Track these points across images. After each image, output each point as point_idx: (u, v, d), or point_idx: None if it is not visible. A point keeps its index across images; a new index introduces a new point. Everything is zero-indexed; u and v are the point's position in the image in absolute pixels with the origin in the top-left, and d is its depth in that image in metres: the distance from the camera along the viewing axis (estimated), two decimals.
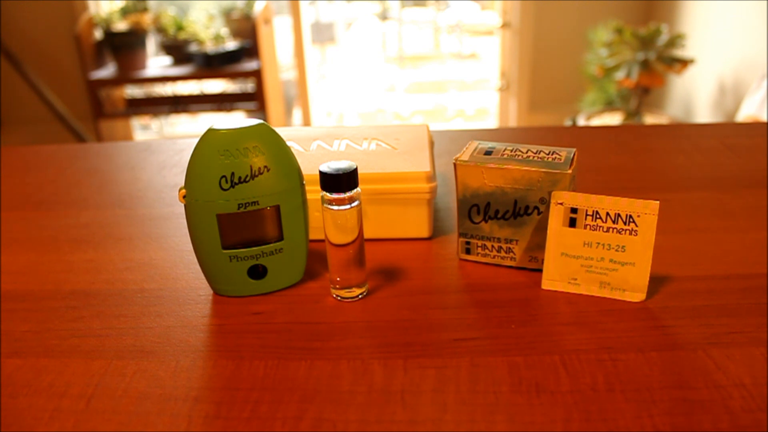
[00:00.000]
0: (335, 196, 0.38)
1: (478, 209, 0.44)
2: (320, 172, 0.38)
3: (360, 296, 0.42)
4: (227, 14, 2.96)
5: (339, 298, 0.42)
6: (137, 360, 0.36)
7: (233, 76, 2.62)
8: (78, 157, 0.72)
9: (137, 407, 0.33)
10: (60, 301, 0.43)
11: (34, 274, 0.47)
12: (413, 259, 0.47)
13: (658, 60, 2.30)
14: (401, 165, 0.48)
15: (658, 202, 0.38)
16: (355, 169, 0.38)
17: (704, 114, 2.52)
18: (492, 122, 3.50)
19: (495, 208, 0.43)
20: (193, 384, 0.34)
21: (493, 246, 0.44)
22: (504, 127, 3.01)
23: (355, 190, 0.38)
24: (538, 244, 0.43)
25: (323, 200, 0.39)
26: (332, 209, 0.39)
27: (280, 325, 0.39)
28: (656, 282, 0.42)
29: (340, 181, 0.38)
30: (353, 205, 0.39)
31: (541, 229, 0.42)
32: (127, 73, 2.65)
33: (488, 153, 0.43)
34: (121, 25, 2.67)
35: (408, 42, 4.89)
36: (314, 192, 0.45)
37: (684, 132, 0.73)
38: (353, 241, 0.40)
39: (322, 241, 0.49)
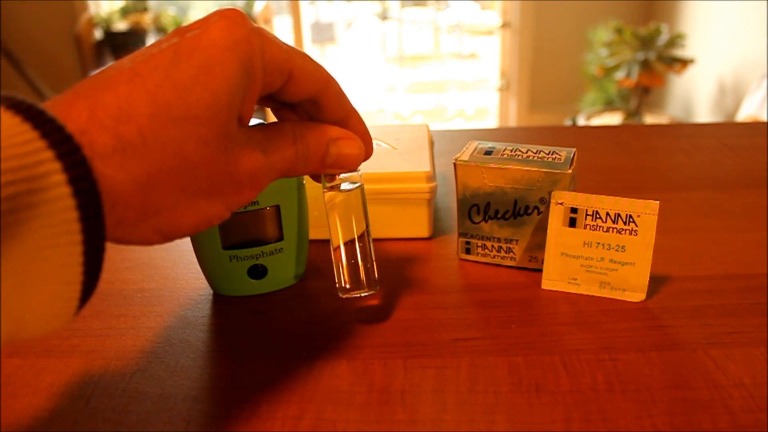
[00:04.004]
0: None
1: (478, 209, 0.44)
2: None
3: (365, 294, 0.40)
4: None
5: (347, 298, 0.40)
6: (137, 360, 0.36)
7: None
8: None
9: (137, 407, 0.33)
10: None
11: None
12: (413, 259, 0.47)
13: (658, 60, 2.30)
14: (401, 165, 0.48)
15: (658, 202, 0.38)
16: None
17: (704, 114, 2.52)
18: (492, 122, 3.50)
19: (495, 208, 0.43)
20: (193, 384, 0.34)
21: (493, 246, 0.44)
22: (504, 127, 3.01)
23: (354, 173, 0.36)
24: (538, 244, 0.43)
25: (324, 186, 0.36)
26: (333, 193, 0.36)
27: (280, 325, 0.39)
28: (656, 282, 0.42)
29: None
30: (355, 186, 0.36)
31: (541, 229, 0.42)
32: None
33: (488, 153, 0.43)
34: (121, 25, 2.67)
35: (408, 42, 4.89)
36: (313, 190, 0.45)
37: (684, 132, 0.73)
38: (361, 236, 0.37)
39: (322, 241, 0.49)
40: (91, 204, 0.22)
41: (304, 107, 0.32)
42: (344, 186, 0.37)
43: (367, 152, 0.34)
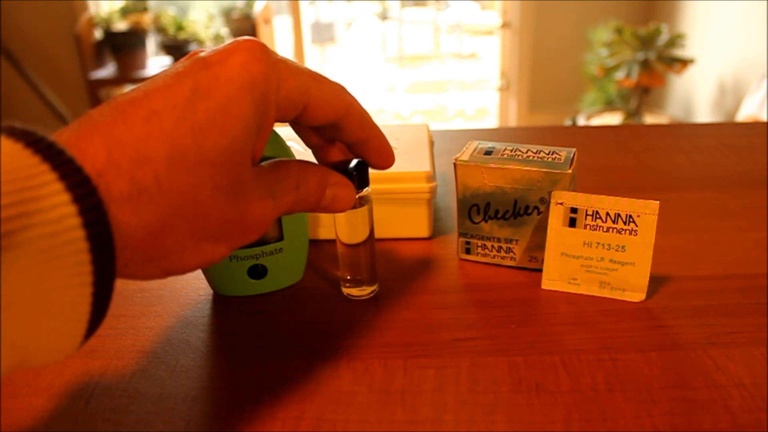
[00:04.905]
0: None
1: (478, 209, 0.44)
2: None
3: (372, 294, 0.42)
4: (227, 14, 2.96)
5: (350, 296, 0.42)
6: (137, 360, 0.36)
7: None
8: None
9: (137, 407, 0.33)
10: None
11: None
12: (413, 259, 0.47)
13: (658, 60, 2.30)
14: (401, 165, 0.48)
15: (658, 202, 0.38)
16: (366, 168, 0.37)
17: (704, 114, 2.52)
18: (492, 122, 3.50)
19: (495, 208, 0.43)
20: (193, 384, 0.34)
21: (493, 246, 0.44)
22: (504, 127, 3.01)
23: (365, 189, 0.38)
24: (538, 244, 0.43)
25: None
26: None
27: (280, 325, 0.39)
28: (656, 282, 0.42)
29: (351, 181, 0.37)
30: (365, 204, 0.38)
31: (541, 229, 0.42)
32: (127, 73, 2.64)
33: (488, 153, 0.43)
34: (121, 25, 2.67)
35: (408, 42, 4.89)
36: None
37: (684, 132, 0.73)
38: (365, 241, 0.40)
39: (322, 241, 0.49)
40: (104, 247, 0.22)
41: (323, 129, 0.33)
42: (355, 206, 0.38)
43: (389, 162, 0.35)
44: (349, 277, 0.41)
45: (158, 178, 0.24)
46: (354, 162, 0.37)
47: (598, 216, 0.39)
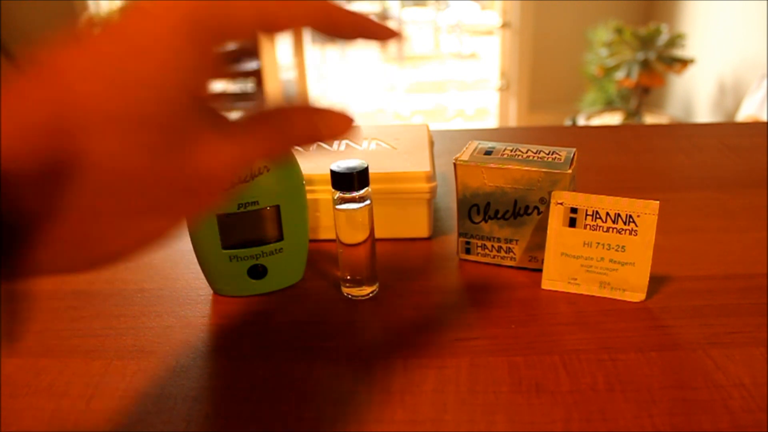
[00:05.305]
0: (347, 194, 0.38)
1: (478, 209, 0.44)
2: (331, 171, 0.38)
3: (371, 294, 0.42)
4: None
5: (350, 296, 0.42)
6: (137, 360, 0.36)
7: (232, 76, 2.62)
8: None
9: (137, 407, 0.33)
10: (60, 301, 0.43)
11: None
12: (413, 259, 0.47)
13: (658, 60, 2.30)
14: (401, 165, 0.48)
15: (658, 202, 0.38)
16: (366, 168, 0.38)
17: (704, 114, 2.52)
18: (492, 122, 3.50)
19: (495, 208, 0.43)
20: (193, 384, 0.34)
21: (493, 246, 0.44)
22: (504, 127, 3.01)
23: (365, 189, 0.38)
24: (538, 244, 0.43)
25: (335, 200, 0.39)
26: (344, 209, 0.38)
27: (280, 325, 0.39)
28: (656, 282, 0.42)
29: (351, 180, 0.37)
30: (365, 204, 0.39)
31: (541, 229, 0.42)
32: None
33: (488, 153, 0.43)
34: None
35: (408, 42, 4.89)
36: (314, 192, 0.45)
37: (684, 132, 0.73)
38: (365, 241, 0.40)
39: (322, 241, 0.49)
40: None
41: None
42: (353, 205, 0.38)
43: (391, 35, 0.25)
44: (349, 277, 0.41)
45: (69, 150, 0.19)
46: (354, 162, 0.37)
47: (598, 216, 0.39)
